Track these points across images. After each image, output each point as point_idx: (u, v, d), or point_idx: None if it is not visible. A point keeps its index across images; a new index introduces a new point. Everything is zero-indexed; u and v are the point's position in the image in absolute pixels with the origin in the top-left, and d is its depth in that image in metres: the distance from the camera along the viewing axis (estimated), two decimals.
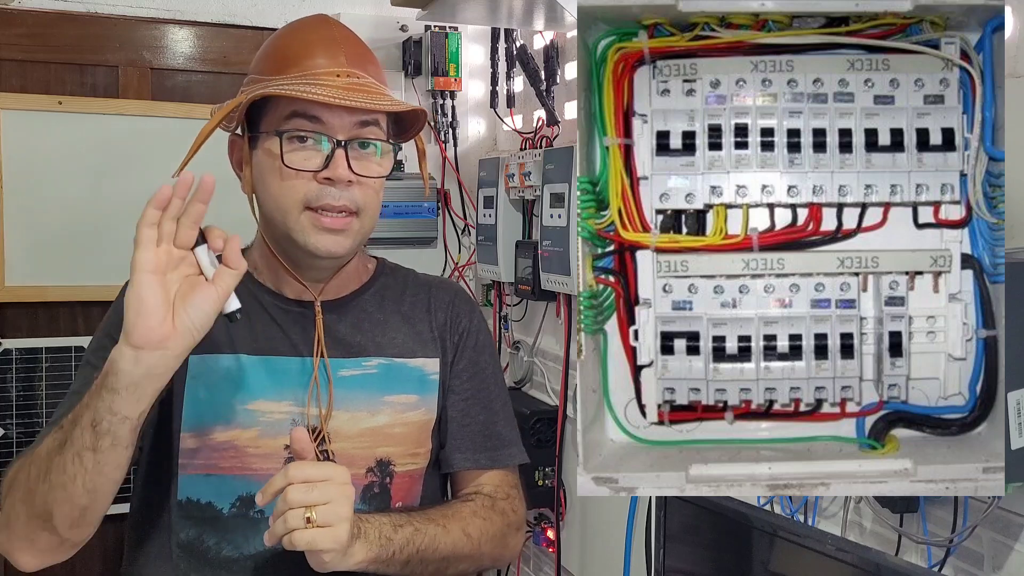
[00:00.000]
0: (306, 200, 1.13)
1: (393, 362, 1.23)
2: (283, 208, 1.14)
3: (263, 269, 1.23)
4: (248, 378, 1.17)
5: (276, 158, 1.13)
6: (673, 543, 1.23)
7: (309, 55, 1.16)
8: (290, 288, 1.22)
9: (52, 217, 2.20)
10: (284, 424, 1.16)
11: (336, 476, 1.03)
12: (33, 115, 2.17)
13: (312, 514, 0.99)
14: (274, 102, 1.15)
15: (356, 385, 1.21)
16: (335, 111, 1.13)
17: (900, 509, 1.19)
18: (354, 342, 1.22)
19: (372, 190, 1.17)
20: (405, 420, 1.22)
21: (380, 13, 2.35)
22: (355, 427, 1.19)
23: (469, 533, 1.19)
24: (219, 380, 1.16)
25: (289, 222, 1.14)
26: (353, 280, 1.27)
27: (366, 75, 1.18)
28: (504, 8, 1.99)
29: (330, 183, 1.13)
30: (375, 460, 1.20)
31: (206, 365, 1.16)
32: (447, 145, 2.44)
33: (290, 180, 1.13)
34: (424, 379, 1.25)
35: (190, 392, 1.15)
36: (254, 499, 1.10)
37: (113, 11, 2.25)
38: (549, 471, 2.06)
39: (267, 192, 1.16)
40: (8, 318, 2.20)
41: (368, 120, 1.15)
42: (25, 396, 2.17)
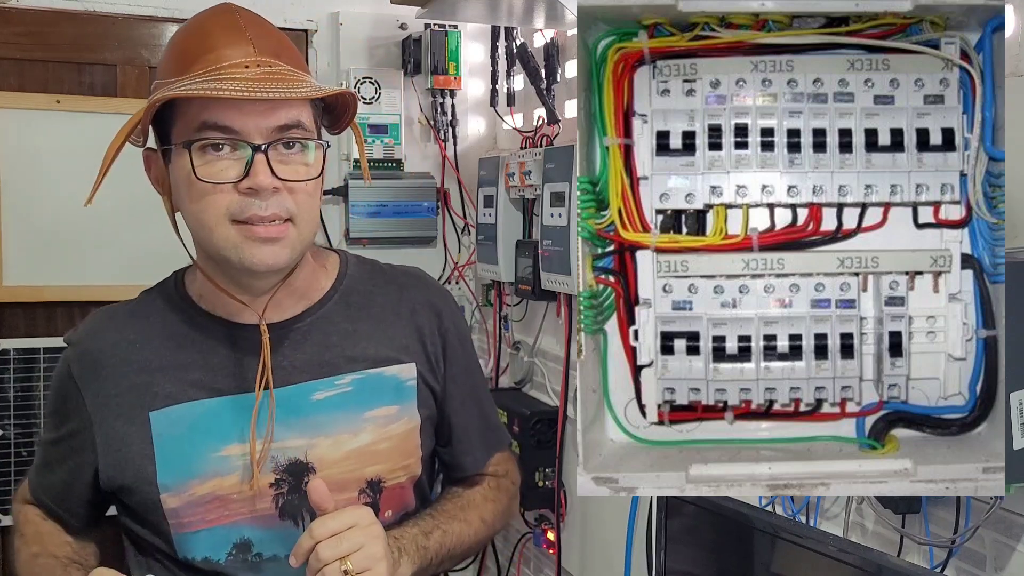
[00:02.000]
0: (230, 214, 1.02)
1: (368, 375, 1.15)
2: (207, 225, 1.03)
3: (206, 294, 1.14)
4: (215, 424, 1.10)
5: (189, 173, 1.02)
6: (674, 544, 1.23)
7: (211, 48, 1.02)
8: (237, 311, 1.12)
9: (50, 217, 2.19)
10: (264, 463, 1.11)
11: (360, 520, 1.03)
12: (31, 114, 2.17)
13: (348, 565, 1.00)
14: (182, 108, 1.03)
15: (332, 407, 1.13)
16: (248, 113, 1.00)
17: (902, 510, 1.18)
18: (323, 360, 1.14)
19: (304, 194, 1.05)
20: (389, 434, 1.16)
21: (380, 11, 2.35)
22: (339, 451, 1.13)
23: (485, 519, 1.23)
24: (185, 432, 1.10)
25: (216, 239, 1.03)
26: (311, 290, 1.16)
27: (279, 62, 1.03)
28: (504, 6, 1.99)
29: (254, 193, 1.01)
30: (365, 481, 1.15)
31: (168, 419, 1.10)
32: (447, 144, 2.44)
33: (209, 195, 1.02)
34: (401, 387, 1.18)
35: (159, 451, 1.10)
36: (249, 544, 1.11)
37: (111, 10, 2.25)
38: (549, 471, 2.05)
39: (187, 211, 1.05)
40: (6, 318, 2.19)
41: (289, 122, 1.03)
42: (23, 396, 2.17)
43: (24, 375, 2.17)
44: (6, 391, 2.15)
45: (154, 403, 1.10)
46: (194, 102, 1.02)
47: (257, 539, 1.12)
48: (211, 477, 1.10)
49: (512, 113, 2.30)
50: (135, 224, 2.24)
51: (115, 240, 2.22)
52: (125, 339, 1.14)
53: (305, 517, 1.12)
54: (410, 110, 2.44)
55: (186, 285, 1.17)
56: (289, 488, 1.12)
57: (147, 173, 1.12)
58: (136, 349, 1.13)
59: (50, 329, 2.22)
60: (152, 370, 1.12)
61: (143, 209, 2.35)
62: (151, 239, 2.18)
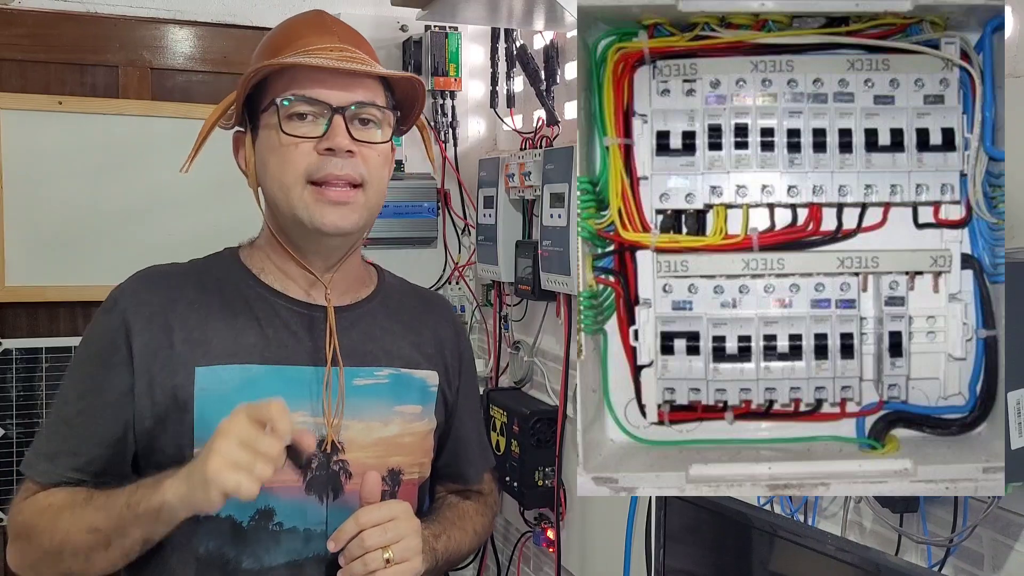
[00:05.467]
0: (308, 173, 1.10)
1: (401, 372, 1.22)
2: (285, 185, 1.11)
3: (269, 268, 1.20)
4: (260, 389, 1.12)
5: (275, 130, 1.11)
6: (673, 543, 1.23)
7: (300, 36, 1.14)
8: (297, 288, 1.19)
9: (52, 217, 2.20)
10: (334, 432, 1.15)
11: (402, 513, 1.11)
12: (33, 115, 2.18)
13: (390, 554, 1.07)
14: (270, 85, 1.13)
15: (369, 394, 1.19)
16: (331, 87, 1.11)
17: (900, 509, 1.19)
18: (366, 350, 1.20)
19: (376, 163, 1.14)
20: (413, 430, 1.22)
21: (380, 13, 2.35)
22: (369, 437, 1.18)
23: (476, 530, 1.30)
24: (230, 392, 1.12)
25: (292, 199, 1.11)
26: (360, 284, 1.25)
27: (360, 52, 1.16)
28: (504, 8, 1.99)
29: (331, 153, 1.10)
30: (387, 470, 1.19)
31: (216, 376, 1.12)
32: (447, 145, 2.44)
33: (290, 154, 1.10)
34: (426, 390, 1.25)
35: (200, 406, 1.11)
36: (272, 512, 1.12)
37: (113, 11, 2.26)
38: (549, 471, 2.06)
39: (268, 173, 1.13)
40: (8, 318, 2.20)
41: (366, 100, 1.13)
42: (25, 396, 2.17)
43: (26, 375, 2.17)
44: (8, 391, 2.16)
45: (204, 360, 1.12)
46: (282, 80, 1.12)
47: (280, 509, 1.13)
48: None
49: (512, 114, 2.31)
50: (137, 224, 2.25)
51: (117, 240, 2.23)
52: (185, 297, 1.16)
53: (329, 495, 1.15)
54: None
55: (244, 260, 1.21)
56: (319, 464, 1.14)
57: (235, 155, 1.20)
58: (194, 308, 1.15)
59: (52, 329, 2.22)
60: (207, 329, 1.14)
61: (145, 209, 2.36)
62: (153, 239, 2.21)
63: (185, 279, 1.18)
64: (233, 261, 1.21)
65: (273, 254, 1.20)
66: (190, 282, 1.18)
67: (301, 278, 1.19)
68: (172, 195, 2.22)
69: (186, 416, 1.11)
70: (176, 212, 2.23)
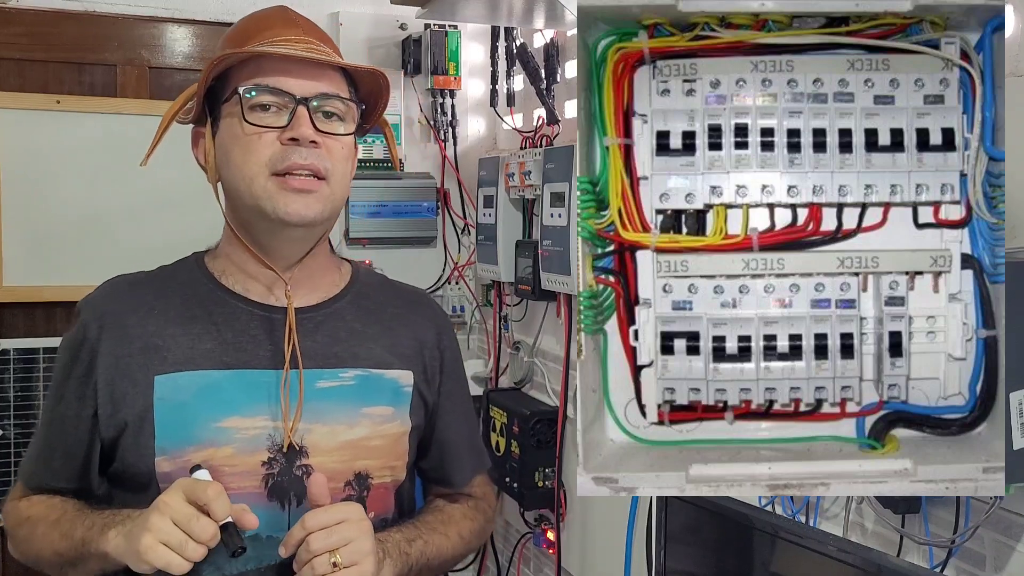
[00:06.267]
0: (271, 163, 1.09)
1: (370, 373, 1.19)
2: (248, 175, 1.09)
3: (231, 270, 1.18)
4: (220, 394, 1.12)
5: (237, 119, 1.10)
6: (674, 544, 1.23)
7: (266, 28, 1.14)
8: (259, 288, 1.17)
9: (50, 217, 2.20)
10: (260, 440, 1.13)
11: (351, 515, 1.07)
12: (31, 114, 2.18)
13: (337, 557, 1.03)
14: (232, 76, 1.12)
15: (333, 397, 1.16)
16: (296, 76, 1.10)
17: (902, 510, 1.19)
18: (331, 352, 1.18)
19: (340, 156, 1.13)
20: (382, 432, 1.19)
21: (379, 11, 2.35)
22: (334, 440, 1.16)
23: (462, 535, 1.26)
24: (189, 399, 1.12)
25: (255, 189, 1.09)
26: (327, 284, 1.22)
27: (323, 45, 1.15)
28: (504, 6, 1.99)
29: (295, 143, 1.09)
30: (353, 474, 1.17)
31: (174, 384, 1.12)
32: (447, 144, 2.44)
33: (253, 144, 1.09)
34: (399, 391, 1.22)
35: (160, 414, 1.11)
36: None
37: (111, 10, 2.25)
38: (549, 472, 2.06)
39: (231, 164, 1.11)
40: (6, 318, 2.20)
41: (330, 92, 1.12)
42: (23, 396, 2.17)
43: (24, 375, 2.17)
44: (6, 391, 2.15)
45: (161, 368, 1.12)
46: (245, 70, 1.11)
47: None
48: (207, 447, 1.12)
49: (512, 113, 2.30)
50: (135, 224, 2.25)
51: (115, 240, 2.23)
52: (144, 303, 1.16)
53: (292, 500, 1.13)
54: (410, 110, 2.44)
55: (207, 264, 1.21)
56: (280, 469, 1.13)
57: (193, 148, 1.19)
58: (153, 315, 1.15)
59: (50, 329, 2.22)
60: (165, 336, 1.14)
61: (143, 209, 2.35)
62: (151, 239, 2.20)
63: (147, 287, 1.18)
64: (196, 266, 1.20)
65: (234, 254, 1.18)
66: (152, 289, 1.18)
67: (262, 276, 1.17)
68: (170, 195, 2.22)
69: (146, 426, 1.11)
70: (174, 212, 2.23)
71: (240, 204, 1.13)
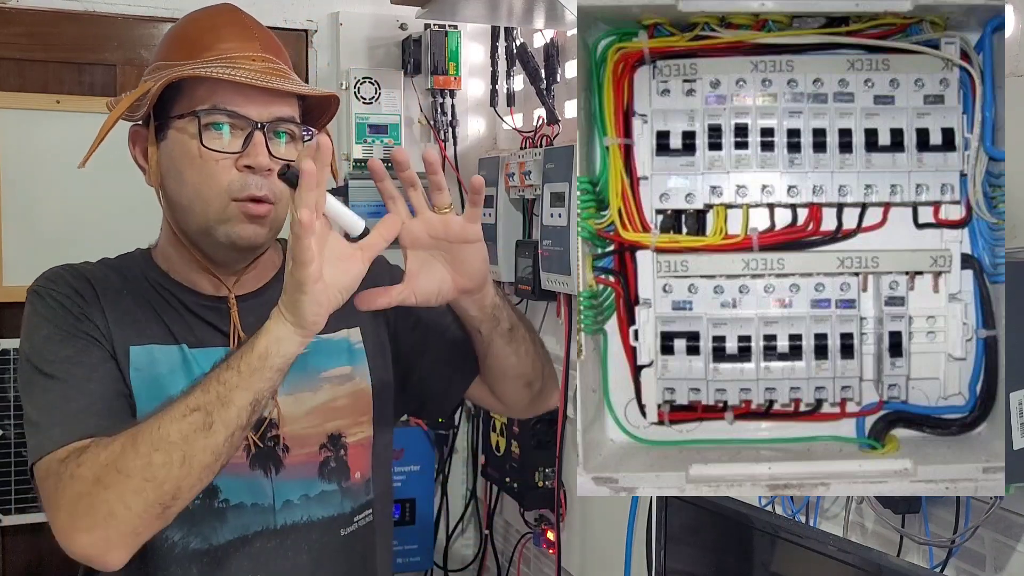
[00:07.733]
0: (230, 191, 1.10)
1: (320, 339, 1.14)
2: (205, 198, 1.10)
3: (175, 268, 1.19)
4: (194, 369, 1.14)
5: (193, 140, 1.09)
6: (674, 544, 1.23)
7: (223, 39, 1.13)
8: (205, 283, 1.19)
9: (50, 216, 2.19)
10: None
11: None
12: (31, 114, 2.17)
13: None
14: (187, 88, 1.11)
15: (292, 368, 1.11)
16: (253, 101, 1.10)
17: (902, 510, 1.19)
18: None
19: None
20: (344, 392, 1.22)
21: (379, 11, 2.35)
22: (301, 408, 1.18)
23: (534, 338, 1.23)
24: (166, 372, 1.13)
25: (210, 212, 1.10)
26: (269, 269, 1.24)
27: (279, 61, 1.15)
28: (504, 6, 1.99)
29: (250, 171, 1.10)
30: (326, 436, 1.20)
31: (151, 356, 1.13)
32: (447, 144, 2.44)
33: (211, 168, 1.09)
34: (351, 349, 1.24)
35: (137, 385, 1.12)
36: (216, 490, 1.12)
37: (111, 10, 2.25)
38: (549, 472, 2.06)
39: (185, 182, 1.11)
40: (6, 318, 2.19)
41: (284, 116, 1.13)
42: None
43: None
44: (6, 391, 2.15)
45: (137, 340, 1.13)
46: (202, 85, 1.10)
47: (224, 486, 1.13)
48: None
49: (512, 113, 2.30)
50: (134, 224, 2.23)
51: (115, 240, 2.22)
52: (111, 286, 1.16)
53: (272, 469, 1.15)
54: (410, 110, 2.43)
55: (154, 258, 1.21)
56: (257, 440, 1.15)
57: (131, 147, 1.19)
58: (121, 296, 1.16)
59: None
60: (135, 312, 1.15)
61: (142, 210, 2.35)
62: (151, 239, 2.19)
63: (104, 271, 1.19)
64: (145, 259, 1.22)
65: (176, 255, 1.19)
66: (111, 274, 1.19)
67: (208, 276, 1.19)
68: None
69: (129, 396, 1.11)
70: None
71: (190, 219, 1.13)
